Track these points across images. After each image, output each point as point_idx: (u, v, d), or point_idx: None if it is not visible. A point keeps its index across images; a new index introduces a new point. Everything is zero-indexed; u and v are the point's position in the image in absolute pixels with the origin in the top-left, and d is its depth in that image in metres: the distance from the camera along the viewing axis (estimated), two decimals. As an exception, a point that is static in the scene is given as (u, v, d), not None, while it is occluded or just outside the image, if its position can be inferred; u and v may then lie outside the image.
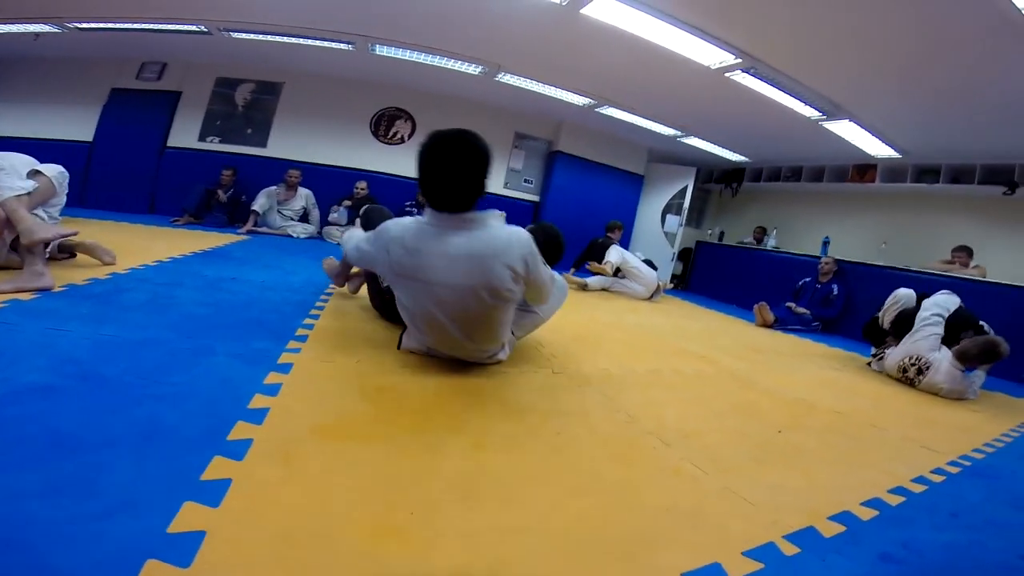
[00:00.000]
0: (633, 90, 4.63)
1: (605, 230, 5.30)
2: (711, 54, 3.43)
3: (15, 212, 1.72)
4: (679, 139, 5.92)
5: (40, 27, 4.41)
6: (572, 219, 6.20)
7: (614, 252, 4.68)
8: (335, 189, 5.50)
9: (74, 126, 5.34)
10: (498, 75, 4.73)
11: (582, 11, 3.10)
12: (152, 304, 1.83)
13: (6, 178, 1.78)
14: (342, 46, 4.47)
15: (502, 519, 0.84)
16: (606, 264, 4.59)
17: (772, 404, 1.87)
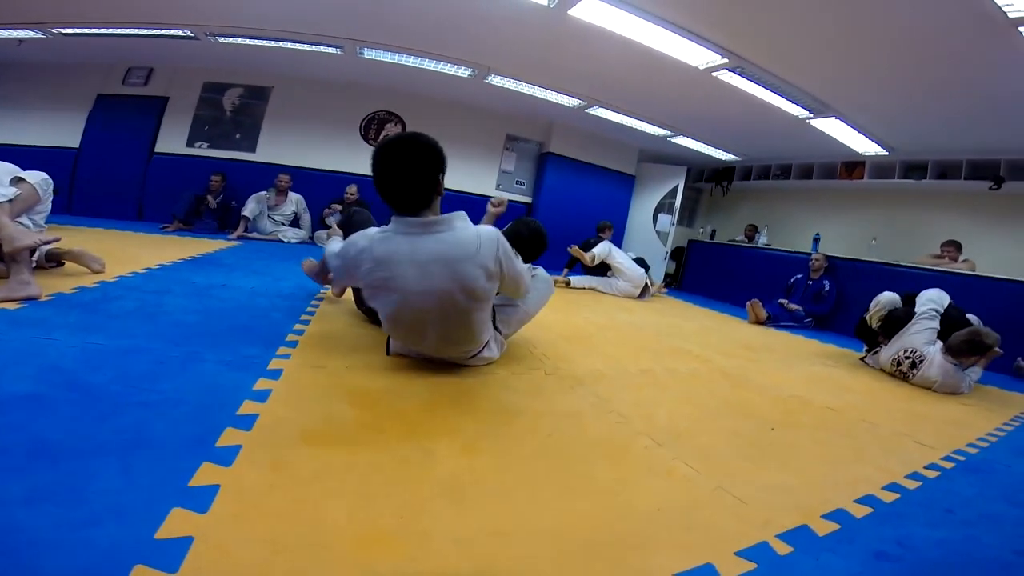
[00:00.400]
0: (622, 91, 4.66)
1: (596, 231, 5.32)
2: (698, 54, 3.46)
3: None
4: (669, 139, 5.96)
5: (24, 32, 4.36)
6: (564, 220, 6.23)
7: (600, 246, 4.72)
8: (326, 193, 5.48)
9: (60, 133, 5.29)
10: (488, 77, 4.74)
11: (569, 12, 3.12)
12: (140, 312, 1.80)
13: None
14: (330, 50, 4.46)
15: (492, 522, 0.84)
16: (588, 254, 4.63)
17: (765, 402, 1.87)
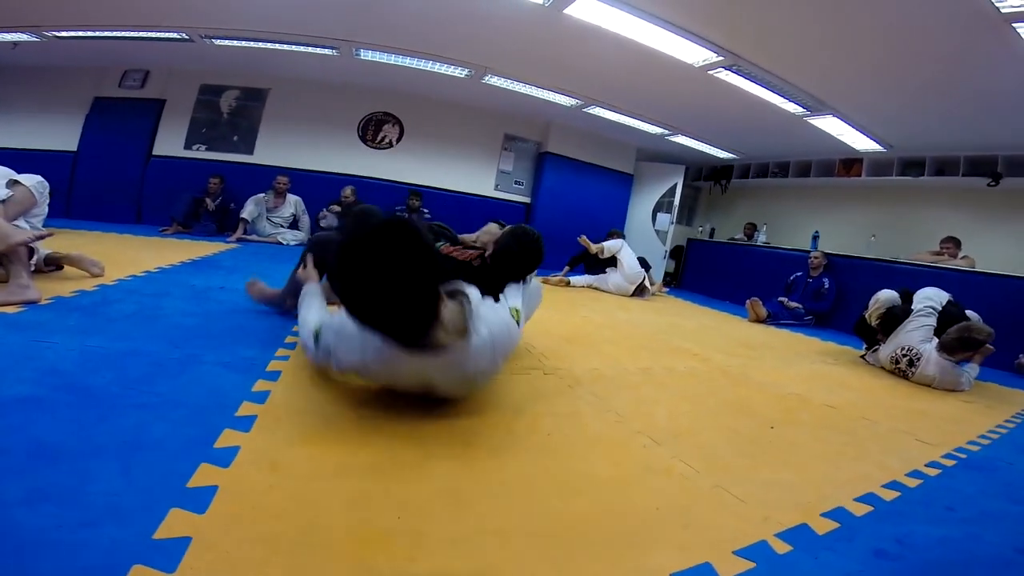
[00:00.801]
0: (619, 89, 4.66)
1: (607, 236, 5.39)
2: (694, 52, 3.46)
3: None
4: (666, 137, 5.96)
5: (17, 36, 4.35)
6: (563, 219, 6.24)
7: (616, 242, 4.85)
8: (324, 195, 5.48)
9: (57, 136, 5.28)
10: (484, 77, 4.74)
11: (565, 11, 3.12)
12: (140, 315, 1.81)
13: None
14: (326, 51, 4.46)
15: (490, 522, 0.84)
16: (597, 245, 4.80)
17: (765, 400, 1.87)
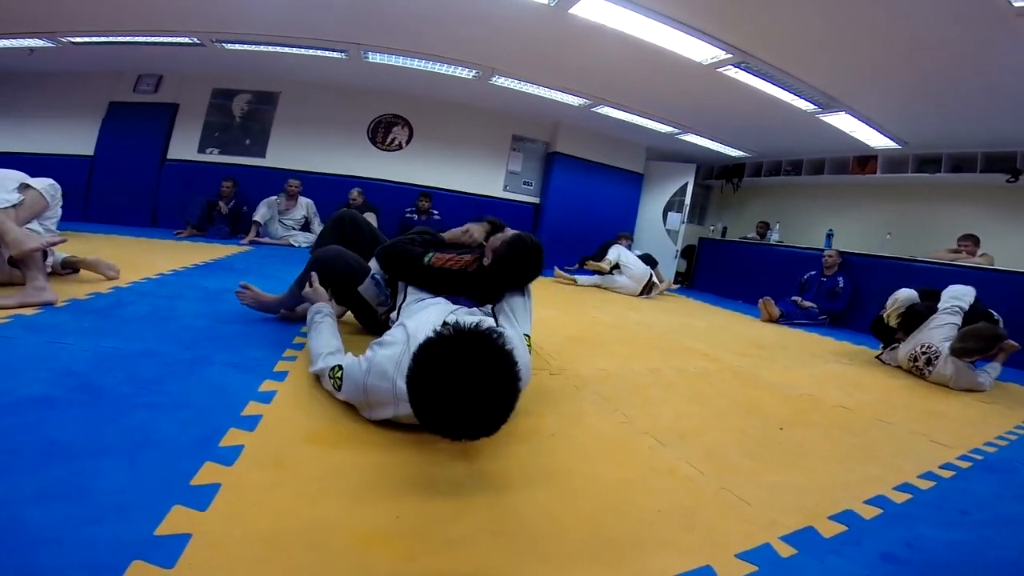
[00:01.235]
0: (626, 88, 4.63)
1: (615, 239, 5.46)
2: (701, 50, 3.42)
3: (2, 224, 1.73)
4: (676, 136, 5.90)
5: (34, 42, 4.45)
6: (573, 219, 6.24)
7: (613, 251, 4.97)
8: (335, 198, 5.51)
9: (75, 140, 5.39)
10: (492, 78, 4.74)
11: (570, 11, 3.10)
12: (152, 316, 1.84)
13: None
14: (334, 54, 4.50)
15: (490, 523, 0.84)
16: (604, 262, 4.90)
17: (775, 400, 1.85)
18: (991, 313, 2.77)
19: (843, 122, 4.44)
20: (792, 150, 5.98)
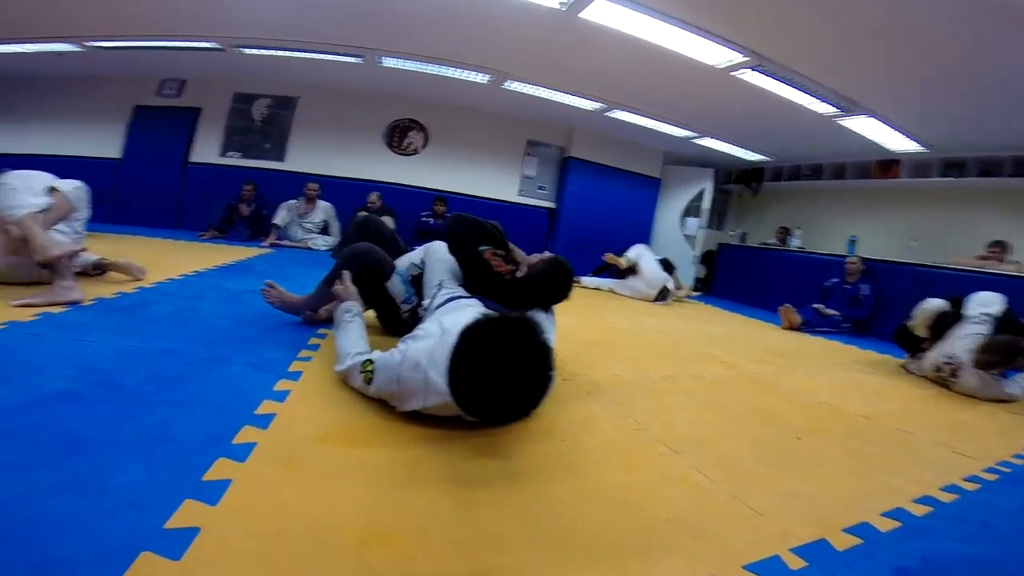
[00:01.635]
0: (641, 92, 4.60)
1: None
2: (716, 53, 3.38)
3: (30, 230, 1.78)
4: (693, 140, 5.84)
5: (61, 46, 4.62)
6: (589, 224, 6.22)
7: (634, 249, 4.99)
8: (353, 201, 5.59)
9: (101, 143, 5.56)
10: (505, 83, 4.76)
11: (581, 15, 3.10)
12: (175, 316, 1.89)
13: (20, 196, 1.84)
14: (350, 59, 4.58)
15: (495, 525, 0.84)
16: (623, 257, 4.90)
17: (793, 409, 1.81)
18: (1022, 325, 2.66)
19: (864, 126, 4.34)
20: (812, 154, 5.87)
